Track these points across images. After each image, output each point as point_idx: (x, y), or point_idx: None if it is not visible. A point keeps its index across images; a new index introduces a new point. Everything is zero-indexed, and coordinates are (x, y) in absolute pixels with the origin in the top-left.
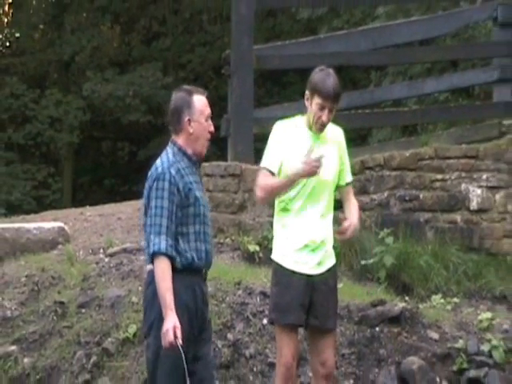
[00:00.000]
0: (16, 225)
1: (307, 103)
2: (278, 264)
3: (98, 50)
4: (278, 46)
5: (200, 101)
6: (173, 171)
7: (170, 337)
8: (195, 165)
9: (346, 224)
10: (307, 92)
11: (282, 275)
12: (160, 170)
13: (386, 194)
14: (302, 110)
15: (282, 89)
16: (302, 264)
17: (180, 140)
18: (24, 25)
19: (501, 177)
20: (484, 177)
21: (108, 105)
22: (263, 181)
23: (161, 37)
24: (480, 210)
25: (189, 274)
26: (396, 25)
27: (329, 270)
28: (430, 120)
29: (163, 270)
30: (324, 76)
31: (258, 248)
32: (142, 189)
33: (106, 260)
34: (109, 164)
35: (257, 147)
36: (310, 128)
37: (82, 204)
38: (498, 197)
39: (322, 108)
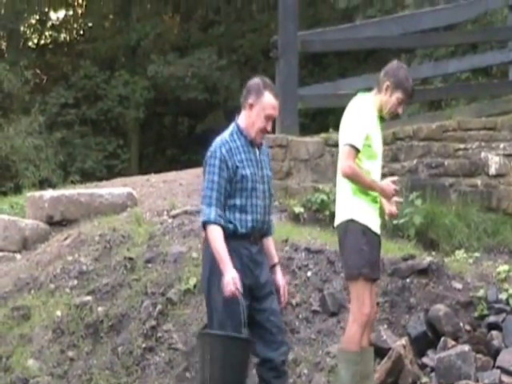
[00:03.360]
0: (90, 190)
1: (386, 91)
2: (366, 226)
3: (161, 37)
4: (320, 32)
5: (269, 97)
6: (223, 150)
7: (231, 287)
8: (252, 144)
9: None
10: (388, 83)
11: (371, 236)
12: (213, 148)
13: (414, 162)
14: (340, 88)
15: (322, 70)
16: (378, 227)
17: (241, 119)
18: (96, 15)
19: None
20: (501, 146)
21: (169, 84)
22: (356, 167)
23: (215, 24)
24: (498, 175)
25: (234, 239)
26: (423, 12)
27: None
28: (453, 96)
29: (215, 236)
30: (408, 74)
31: (302, 210)
32: (199, 158)
33: (170, 221)
34: (170, 136)
35: (300, 121)
36: (379, 111)
37: (148, 172)
38: None
39: (401, 102)
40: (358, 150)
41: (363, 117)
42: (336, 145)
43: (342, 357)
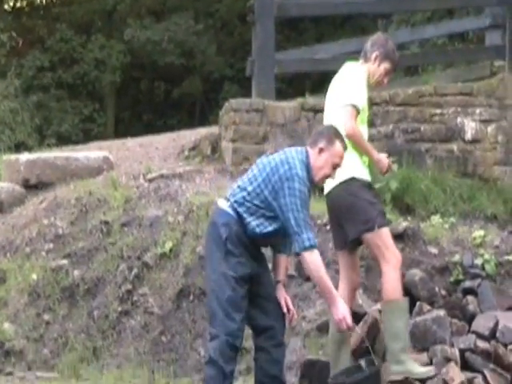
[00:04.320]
0: (66, 154)
1: (374, 61)
2: (367, 181)
3: (137, 1)
4: None
5: (339, 147)
6: (308, 184)
7: (347, 323)
8: (309, 187)
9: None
10: (377, 53)
11: (374, 189)
12: (301, 175)
13: (391, 127)
14: (317, 53)
15: (298, 35)
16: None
17: (312, 158)
18: None
19: (492, 111)
20: (477, 111)
21: (146, 48)
22: (359, 131)
23: None
24: (474, 141)
25: (250, 242)
26: None
27: None
28: (429, 62)
29: (320, 263)
30: (394, 47)
31: None
32: (175, 123)
33: (146, 184)
34: (147, 101)
35: (277, 86)
36: (367, 79)
37: (124, 136)
38: (489, 129)
39: (387, 73)
40: (358, 112)
41: (361, 82)
42: (312, 109)
43: (390, 307)
